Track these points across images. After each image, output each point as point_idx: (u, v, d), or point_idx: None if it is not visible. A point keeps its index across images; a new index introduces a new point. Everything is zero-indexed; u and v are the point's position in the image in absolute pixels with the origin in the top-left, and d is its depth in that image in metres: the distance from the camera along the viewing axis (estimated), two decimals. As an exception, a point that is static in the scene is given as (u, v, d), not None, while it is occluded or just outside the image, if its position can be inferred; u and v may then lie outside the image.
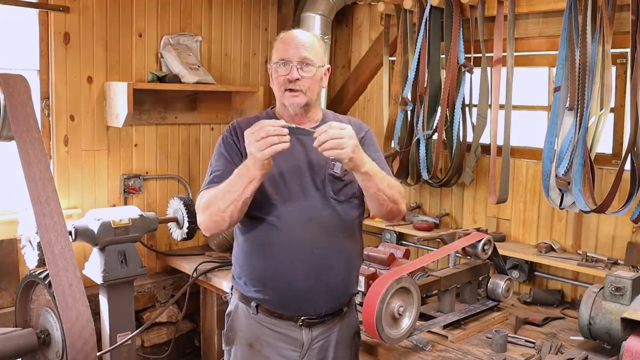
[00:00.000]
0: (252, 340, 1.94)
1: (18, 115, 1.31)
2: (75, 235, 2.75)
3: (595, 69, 2.44)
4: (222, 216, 1.76)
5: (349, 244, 1.95)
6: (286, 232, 1.85)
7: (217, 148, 1.94)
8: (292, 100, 1.86)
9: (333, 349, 1.96)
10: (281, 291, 1.89)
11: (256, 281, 1.91)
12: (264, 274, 1.89)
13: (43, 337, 2.80)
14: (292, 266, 1.85)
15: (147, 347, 3.45)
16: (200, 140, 3.76)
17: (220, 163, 1.89)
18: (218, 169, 1.88)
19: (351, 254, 1.97)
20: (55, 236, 1.22)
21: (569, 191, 2.55)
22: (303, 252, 1.85)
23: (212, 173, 1.89)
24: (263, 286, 1.90)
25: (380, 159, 1.97)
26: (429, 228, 3.27)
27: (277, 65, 1.85)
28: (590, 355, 2.16)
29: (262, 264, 1.89)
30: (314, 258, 1.85)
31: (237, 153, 1.88)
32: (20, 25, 3.04)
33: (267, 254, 1.88)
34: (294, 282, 1.87)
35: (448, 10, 3.02)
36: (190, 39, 3.61)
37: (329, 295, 1.92)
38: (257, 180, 1.69)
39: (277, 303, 1.91)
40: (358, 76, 3.82)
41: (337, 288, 1.94)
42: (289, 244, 1.85)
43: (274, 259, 1.87)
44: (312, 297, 1.89)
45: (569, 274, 2.81)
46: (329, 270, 1.88)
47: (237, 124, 1.95)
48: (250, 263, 1.92)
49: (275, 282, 1.88)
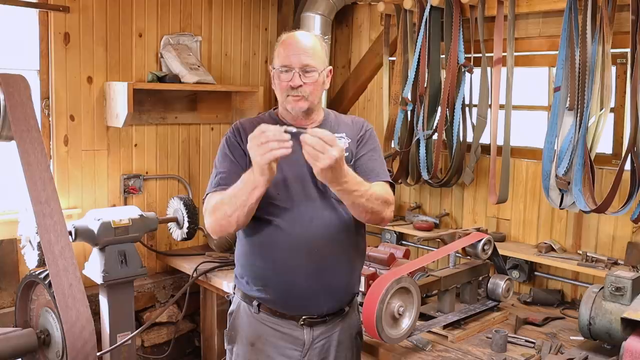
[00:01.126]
0: (253, 339, 1.94)
1: (18, 115, 1.31)
2: (75, 235, 2.75)
3: (595, 69, 2.44)
4: (229, 220, 1.77)
5: (351, 245, 1.95)
6: (288, 233, 1.85)
7: (222, 149, 1.94)
8: (294, 105, 1.86)
9: (334, 348, 1.97)
10: (282, 291, 1.89)
11: (258, 280, 1.92)
12: (266, 274, 1.90)
13: (43, 337, 2.80)
14: (293, 266, 1.86)
15: (147, 347, 3.45)
16: (200, 140, 3.76)
17: (225, 165, 1.89)
18: (223, 171, 1.88)
19: (353, 254, 1.97)
20: (55, 236, 1.22)
21: (569, 191, 2.55)
22: (304, 252, 1.85)
23: (217, 175, 1.89)
24: (264, 285, 1.91)
25: (375, 157, 1.96)
26: (429, 228, 3.27)
27: (279, 71, 1.86)
28: (590, 355, 2.16)
29: (263, 264, 1.90)
30: (315, 258, 1.86)
31: (241, 154, 1.88)
32: (20, 25, 3.04)
33: (269, 253, 1.88)
34: (295, 282, 1.87)
35: (448, 10, 3.02)
36: (190, 39, 3.61)
37: (330, 295, 1.92)
38: (262, 186, 1.68)
39: (279, 302, 1.91)
40: (358, 76, 3.82)
41: (338, 288, 1.95)
42: (290, 244, 1.85)
43: (276, 258, 1.87)
44: (313, 297, 1.89)
45: (569, 274, 2.81)
46: (330, 270, 1.89)
47: (241, 125, 1.95)
48: (252, 262, 1.93)
49: (276, 282, 1.89)
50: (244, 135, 1.88)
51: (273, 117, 1.98)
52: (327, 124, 1.97)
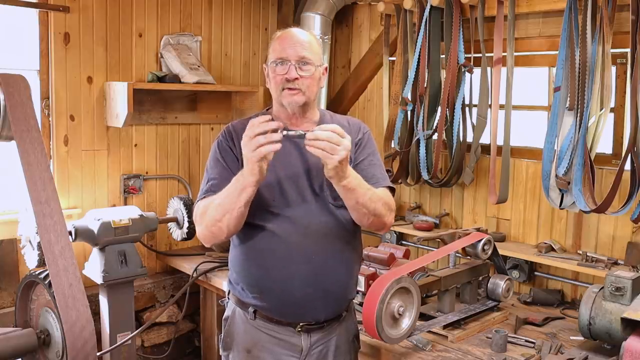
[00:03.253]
0: (250, 346, 1.90)
1: (18, 115, 1.31)
2: (75, 235, 2.75)
3: (595, 69, 2.44)
4: (220, 227, 1.73)
5: (348, 250, 1.91)
6: (284, 240, 1.80)
7: (213, 154, 1.88)
8: (290, 98, 1.80)
9: (332, 354, 1.93)
10: (279, 298, 1.85)
11: (253, 288, 1.87)
12: (261, 282, 1.86)
13: (43, 337, 2.80)
14: (289, 273, 1.81)
15: (147, 347, 3.45)
16: (200, 140, 3.76)
17: (217, 170, 1.84)
18: (214, 177, 1.83)
19: (350, 260, 1.93)
20: (55, 236, 1.22)
21: (569, 191, 2.55)
22: (301, 260, 1.81)
23: (208, 181, 1.84)
24: (260, 293, 1.86)
25: (375, 161, 1.93)
26: (429, 228, 3.27)
27: (274, 65, 1.80)
28: (590, 355, 2.16)
29: (259, 272, 1.85)
30: (312, 265, 1.81)
31: (233, 159, 1.83)
32: (20, 25, 3.04)
33: (264, 261, 1.84)
34: (292, 290, 1.83)
35: (448, 10, 3.02)
36: (190, 39, 3.61)
37: (327, 302, 1.89)
38: (250, 187, 1.64)
39: (275, 310, 1.87)
40: (358, 76, 3.82)
41: (335, 295, 1.90)
42: (286, 252, 1.81)
43: (272, 266, 1.83)
44: (311, 305, 1.85)
45: (569, 274, 2.81)
46: (327, 277, 1.85)
47: (232, 128, 1.89)
48: (247, 270, 1.89)
49: (272, 290, 1.84)
50: (235, 139, 1.83)
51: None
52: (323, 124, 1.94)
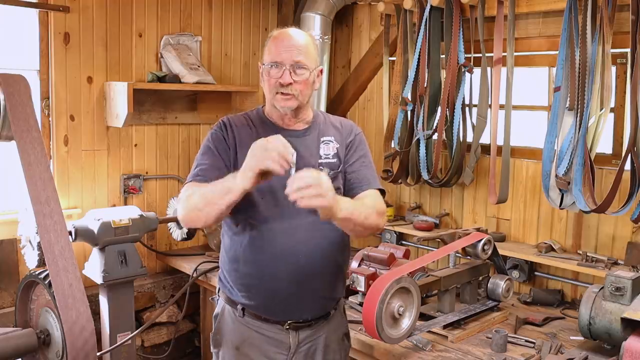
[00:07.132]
0: (238, 343, 1.92)
1: (18, 115, 1.31)
2: (75, 235, 2.75)
3: (595, 69, 2.44)
4: (198, 215, 1.74)
5: (336, 249, 1.92)
6: (272, 239, 1.82)
7: (205, 143, 1.91)
8: (283, 103, 1.81)
9: (321, 351, 1.94)
10: (266, 297, 1.87)
11: (241, 286, 1.89)
12: (249, 280, 1.87)
13: (43, 337, 2.80)
14: (276, 272, 1.83)
15: (147, 347, 3.45)
16: (200, 140, 3.75)
17: (207, 157, 1.87)
18: (204, 163, 1.85)
19: (338, 259, 1.94)
20: (55, 236, 1.22)
21: (569, 191, 2.55)
22: (288, 259, 1.82)
23: (197, 166, 1.86)
24: (248, 291, 1.88)
25: (366, 163, 1.94)
26: (429, 228, 3.27)
27: (269, 67, 1.81)
28: (590, 355, 2.16)
29: (247, 270, 1.87)
30: (299, 264, 1.83)
31: (225, 149, 1.86)
32: (20, 25, 3.04)
33: (252, 259, 1.85)
34: (279, 289, 1.84)
35: (448, 10, 3.02)
36: (190, 39, 3.61)
37: (314, 301, 1.90)
38: (236, 192, 1.62)
39: (263, 308, 1.89)
40: (358, 76, 3.82)
41: (322, 294, 1.92)
42: (274, 251, 1.82)
43: (259, 265, 1.84)
44: (297, 303, 1.87)
45: (569, 274, 2.81)
46: (314, 276, 1.86)
47: (228, 120, 1.91)
48: (235, 268, 1.90)
49: (260, 288, 1.86)
50: (229, 130, 1.86)
51: (260, 114, 1.94)
52: (316, 126, 1.93)
